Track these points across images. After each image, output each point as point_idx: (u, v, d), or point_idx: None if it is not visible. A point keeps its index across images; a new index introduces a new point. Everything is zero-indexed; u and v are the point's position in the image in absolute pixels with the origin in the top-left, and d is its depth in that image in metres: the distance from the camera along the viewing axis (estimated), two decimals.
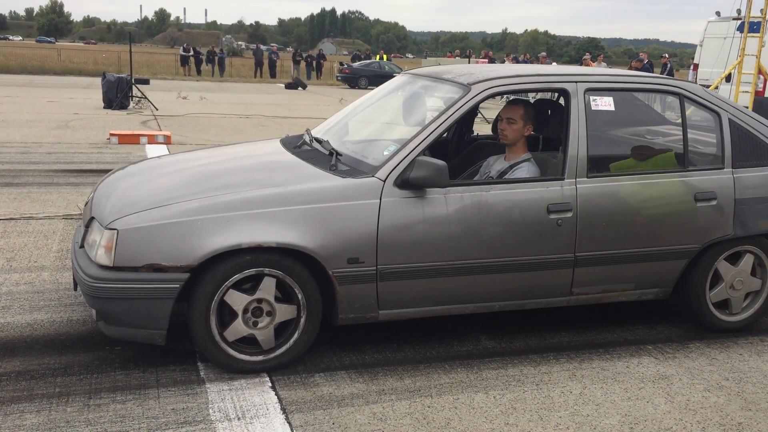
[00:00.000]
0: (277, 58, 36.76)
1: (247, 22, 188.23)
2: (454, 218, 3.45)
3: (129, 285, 3.12)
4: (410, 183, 3.38)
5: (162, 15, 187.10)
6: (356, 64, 32.92)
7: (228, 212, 3.21)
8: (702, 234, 3.89)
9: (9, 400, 3.02)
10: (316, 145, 4.02)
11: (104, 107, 15.46)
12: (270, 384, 3.27)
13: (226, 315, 3.28)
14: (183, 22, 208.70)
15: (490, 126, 4.33)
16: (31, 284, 4.42)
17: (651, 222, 3.79)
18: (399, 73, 4.88)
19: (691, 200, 3.85)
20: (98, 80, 18.79)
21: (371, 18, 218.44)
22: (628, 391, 3.37)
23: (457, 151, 4.77)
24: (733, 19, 14.73)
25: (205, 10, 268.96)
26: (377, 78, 27.49)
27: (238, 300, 3.25)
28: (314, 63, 36.21)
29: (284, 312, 3.33)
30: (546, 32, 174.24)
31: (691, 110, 4.16)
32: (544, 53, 26.58)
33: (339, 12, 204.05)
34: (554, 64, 23.35)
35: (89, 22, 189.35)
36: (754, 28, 12.25)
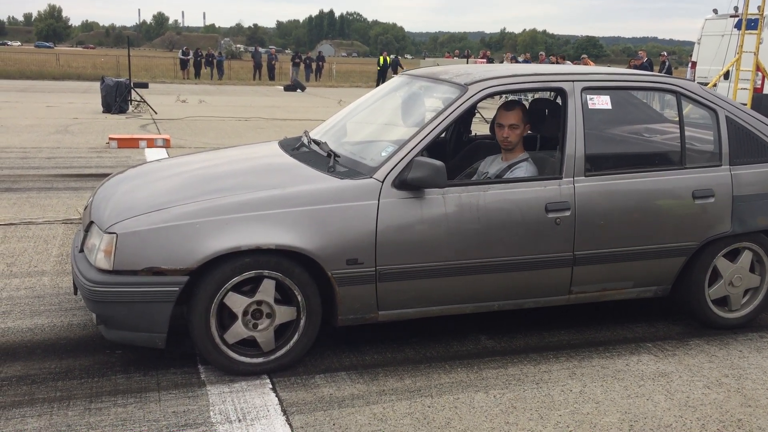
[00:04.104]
0: (276, 61, 36.76)
1: (246, 25, 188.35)
2: (452, 218, 3.45)
3: (129, 288, 3.12)
4: (408, 184, 3.39)
5: (160, 19, 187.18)
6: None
7: (227, 215, 3.22)
8: (700, 231, 3.89)
9: (10, 404, 3.03)
10: (314, 146, 4.03)
11: (103, 111, 15.47)
12: (270, 386, 3.28)
13: (226, 317, 3.29)
14: (181, 25, 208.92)
15: (489, 126, 4.34)
16: (32, 289, 4.43)
17: (649, 220, 3.80)
18: None
19: (689, 198, 3.86)
20: (97, 85, 18.82)
21: (369, 19, 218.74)
22: (628, 388, 3.38)
23: (455, 151, 4.77)
24: (731, 16, 14.77)
25: (204, 14, 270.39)
26: None
27: (237, 302, 3.25)
28: (313, 65, 36.21)
29: (284, 314, 3.34)
30: (544, 31, 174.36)
31: (689, 108, 4.17)
32: (542, 53, 26.54)
33: (337, 13, 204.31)
34: (567, 62, 22.94)
35: (87, 26, 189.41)
36: (752, 25, 12.26)
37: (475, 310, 3.68)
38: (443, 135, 4.55)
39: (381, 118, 4.49)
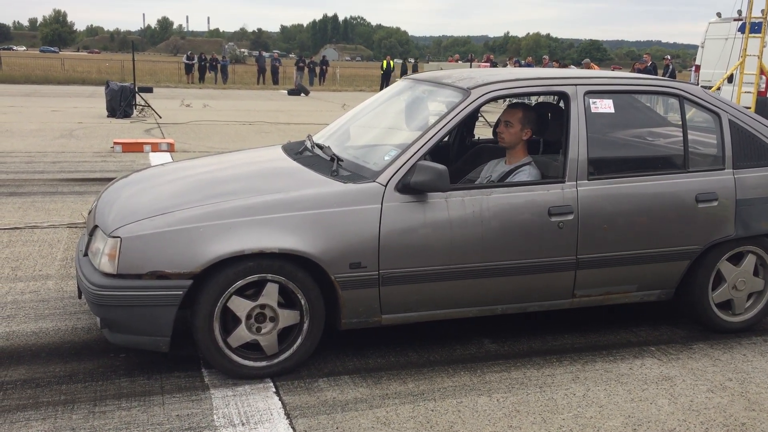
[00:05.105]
0: (280, 65, 36.83)
1: (250, 29, 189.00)
2: (455, 222, 3.46)
3: (133, 292, 3.13)
4: (411, 187, 3.39)
5: (165, 23, 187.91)
6: None
7: (230, 219, 3.23)
8: (704, 235, 3.89)
9: (15, 408, 3.04)
10: (317, 150, 4.03)
11: (108, 116, 15.52)
12: (274, 389, 3.28)
13: (230, 321, 3.30)
14: (186, 30, 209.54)
15: (492, 129, 4.34)
16: (36, 293, 4.45)
17: (652, 223, 3.80)
18: None
19: (692, 201, 3.86)
20: (102, 89, 18.83)
21: (373, 23, 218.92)
22: (632, 392, 3.37)
23: (458, 155, 4.78)
24: (734, 19, 14.76)
25: (208, 18, 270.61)
26: None
27: (241, 306, 3.26)
28: (317, 69, 36.29)
29: (287, 317, 3.34)
30: (548, 35, 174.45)
31: (692, 112, 4.17)
32: (546, 56, 26.55)
33: (341, 18, 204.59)
34: (572, 67, 22.88)
35: (92, 31, 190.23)
36: (756, 28, 12.27)
37: (478, 313, 3.68)
38: (446, 139, 4.55)
39: (384, 122, 4.50)
